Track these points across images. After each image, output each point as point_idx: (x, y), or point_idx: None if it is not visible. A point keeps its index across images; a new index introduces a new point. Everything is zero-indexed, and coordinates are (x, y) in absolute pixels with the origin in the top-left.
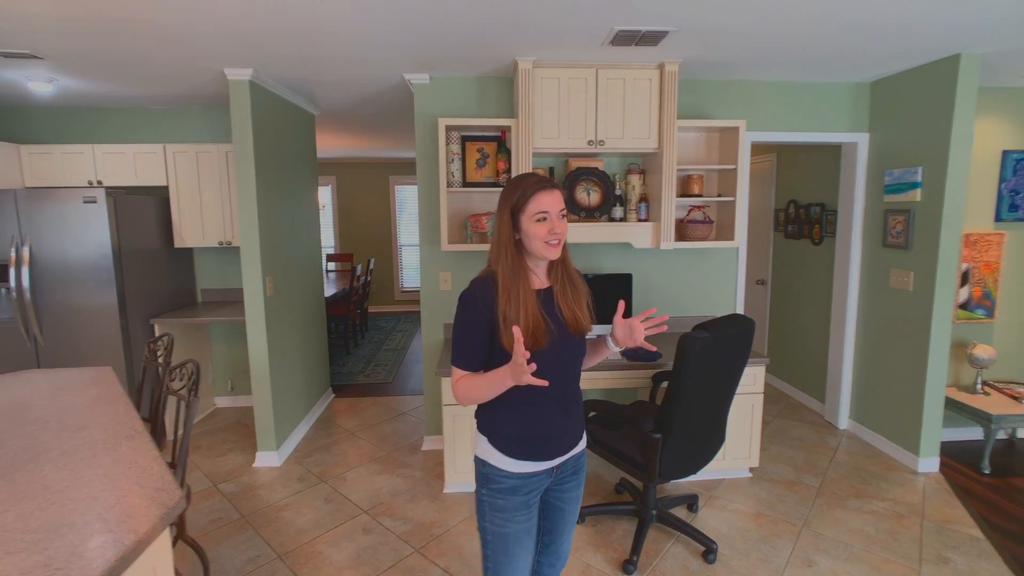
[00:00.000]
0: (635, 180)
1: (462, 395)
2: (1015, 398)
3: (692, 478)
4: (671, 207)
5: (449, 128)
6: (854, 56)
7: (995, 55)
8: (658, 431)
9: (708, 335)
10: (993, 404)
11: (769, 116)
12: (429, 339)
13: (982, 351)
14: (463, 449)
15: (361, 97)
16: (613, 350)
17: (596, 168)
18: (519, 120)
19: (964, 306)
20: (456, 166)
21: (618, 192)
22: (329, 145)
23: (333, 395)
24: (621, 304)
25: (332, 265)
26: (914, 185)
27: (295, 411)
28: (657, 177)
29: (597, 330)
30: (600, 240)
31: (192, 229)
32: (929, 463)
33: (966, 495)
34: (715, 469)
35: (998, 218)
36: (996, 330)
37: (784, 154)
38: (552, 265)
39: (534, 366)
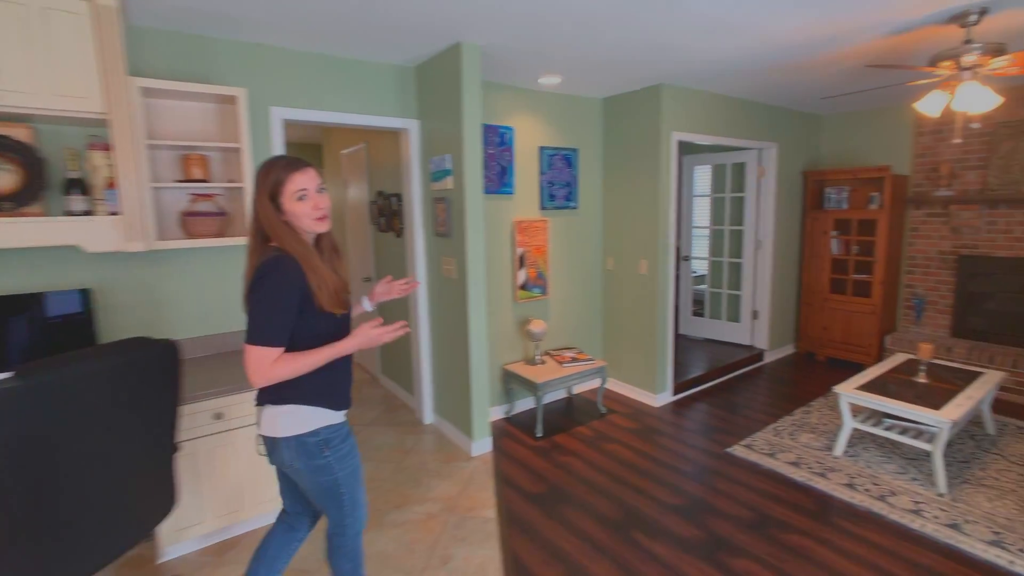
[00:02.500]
0: (99, 158)
1: (285, 372)
2: (561, 362)
3: (200, 544)
4: (141, 194)
5: None
6: (372, 26)
7: (498, 49)
8: None
9: (22, 385)
10: (542, 372)
11: (308, 92)
12: None
13: (535, 326)
14: None
15: None
16: (367, 308)
17: (9, 137)
18: None
19: (524, 287)
20: None
21: (74, 175)
22: None
23: None
24: (388, 277)
25: None
26: (447, 173)
27: None
28: (119, 153)
29: None
30: (24, 244)
31: None
32: (482, 445)
33: (511, 466)
34: (237, 521)
35: (542, 206)
36: (550, 305)
37: (372, 142)
38: (319, 238)
39: (397, 324)
